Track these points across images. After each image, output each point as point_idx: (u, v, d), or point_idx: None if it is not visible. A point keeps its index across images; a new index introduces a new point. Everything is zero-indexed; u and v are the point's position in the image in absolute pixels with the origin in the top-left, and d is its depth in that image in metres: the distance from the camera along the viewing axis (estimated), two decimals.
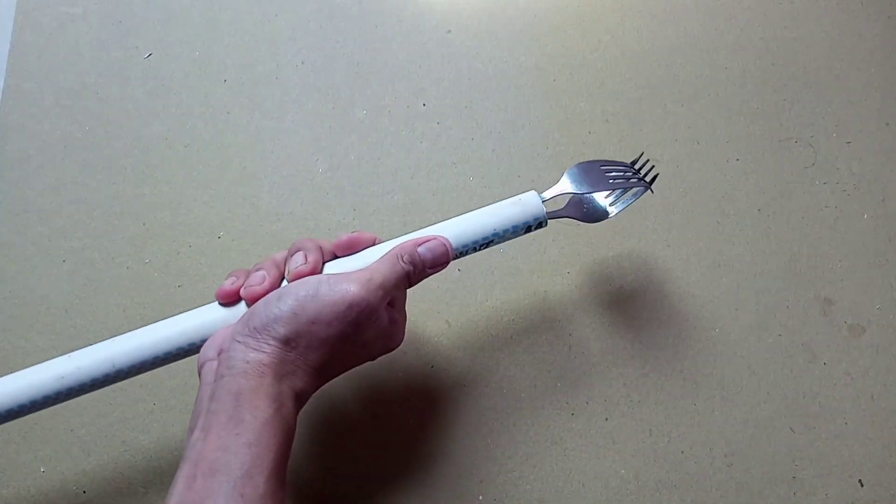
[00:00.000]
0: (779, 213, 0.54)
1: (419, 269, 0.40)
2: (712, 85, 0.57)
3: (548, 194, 0.43)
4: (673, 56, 0.58)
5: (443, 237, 0.41)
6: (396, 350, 0.49)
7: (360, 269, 0.39)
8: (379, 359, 0.41)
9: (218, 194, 0.53)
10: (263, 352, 0.35)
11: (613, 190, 0.46)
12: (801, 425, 0.49)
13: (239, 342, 0.35)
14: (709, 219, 0.54)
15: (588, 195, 0.46)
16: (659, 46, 0.58)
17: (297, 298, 0.36)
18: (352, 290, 0.36)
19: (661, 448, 0.48)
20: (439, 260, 0.41)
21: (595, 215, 0.47)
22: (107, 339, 0.44)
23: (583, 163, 0.46)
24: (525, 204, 0.42)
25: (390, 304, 0.42)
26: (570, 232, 0.53)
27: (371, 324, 0.38)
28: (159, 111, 0.55)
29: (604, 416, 0.49)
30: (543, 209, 0.42)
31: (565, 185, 0.44)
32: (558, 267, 0.52)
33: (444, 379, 0.49)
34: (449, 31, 0.58)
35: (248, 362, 0.34)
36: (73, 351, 0.38)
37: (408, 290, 0.42)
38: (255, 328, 0.36)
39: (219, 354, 0.36)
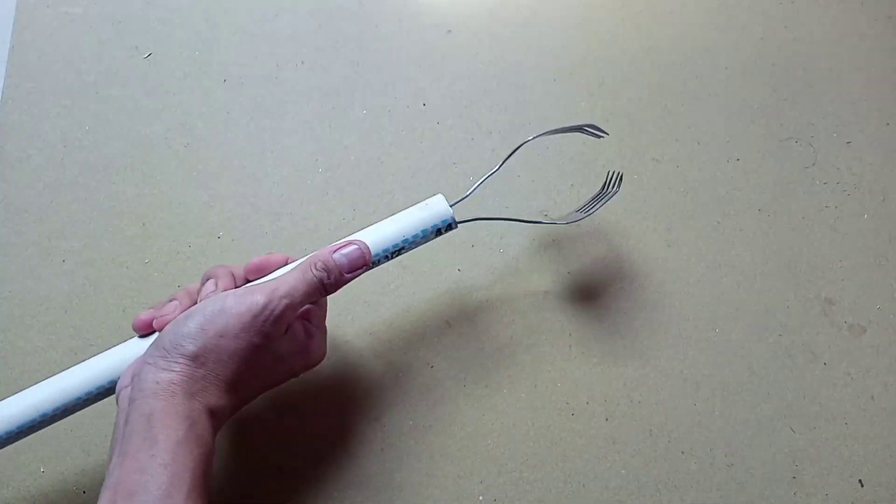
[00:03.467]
0: (779, 213, 0.54)
1: (335, 275, 0.40)
2: (712, 85, 0.57)
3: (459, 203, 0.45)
4: (673, 56, 0.58)
5: (359, 240, 0.41)
6: (395, 350, 0.50)
7: (269, 281, 0.39)
8: (379, 359, 0.41)
9: (218, 194, 0.53)
10: (173, 371, 0.35)
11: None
12: (801, 425, 0.49)
13: (150, 364, 0.36)
14: (709, 219, 0.54)
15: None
16: (659, 46, 0.58)
17: (203, 314, 0.36)
18: (257, 299, 0.37)
19: (662, 448, 0.48)
20: (356, 264, 0.41)
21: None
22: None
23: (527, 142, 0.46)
24: (431, 208, 0.43)
25: (306, 318, 0.42)
26: (570, 232, 0.53)
27: (280, 335, 0.38)
28: (159, 111, 0.55)
29: (604, 416, 0.49)
30: (451, 211, 0.43)
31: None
32: (558, 267, 0.52)
33: (444, 379, 0.49)
34: (449, 31, 0.58)
35: (158, 383, 0.35)
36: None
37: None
38: (164, 348, 0.36)
39: (132, 379, 0.36)
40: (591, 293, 0.52)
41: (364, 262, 0.41)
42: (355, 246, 0.41)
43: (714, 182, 0.55)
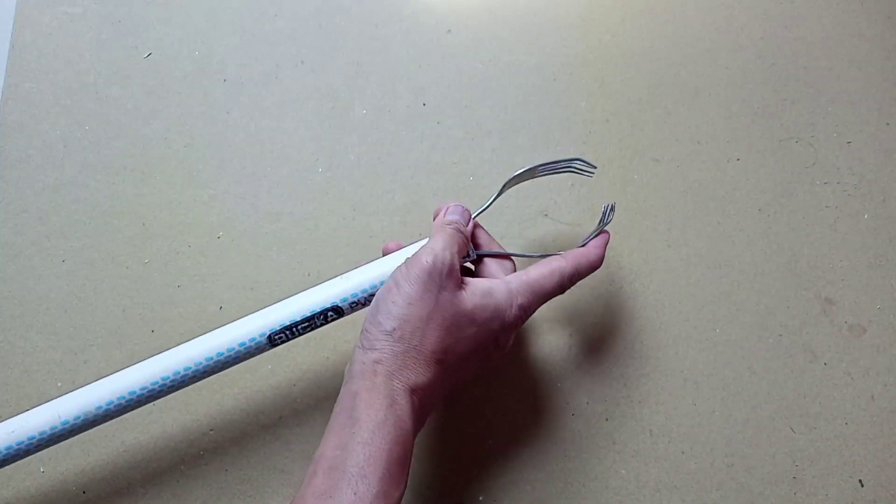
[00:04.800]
0: (779, 213, 0.54)
1: (460, 226, 0.43)
2: (712, 85, 0.57)
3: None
4: (673, 56, 0.58)
5: (454, 202, 0.45)
6: None
7: (424, 245, 0.41)
8: None
9: (217, 194, 0.53)
10: (375, 349, 0.37)
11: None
12: (801, 425, 0.49)
13: (359, 347, 0.38)
14: (709, 219, 0.54)
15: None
16: (659, 46, 0.58)
17: (388, 293, 0.38)
18: (424, 259, 0.39)
19: (662, 448, 0.48)
20: (456, 212, 0.44)
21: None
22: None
23: (520, 172, 0.46)
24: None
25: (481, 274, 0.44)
26: (570, 232, 0.53)
27: (458, 287, 0.39)
28: (159, 111, 0.55)
29: (604, 416, 0.49)
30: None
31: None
32: None
33: None
34: (449, 31, 0.58)
35: (364, 363, 0.37)
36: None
37: None
38: (367, 331, 0.38)
39: (349, 362, 0.39)
40: (591, 293, 0.52)
41: (462, 210, 0.44)
42: (454, 203, 0.45)
43: (714, 182, 0.55)
